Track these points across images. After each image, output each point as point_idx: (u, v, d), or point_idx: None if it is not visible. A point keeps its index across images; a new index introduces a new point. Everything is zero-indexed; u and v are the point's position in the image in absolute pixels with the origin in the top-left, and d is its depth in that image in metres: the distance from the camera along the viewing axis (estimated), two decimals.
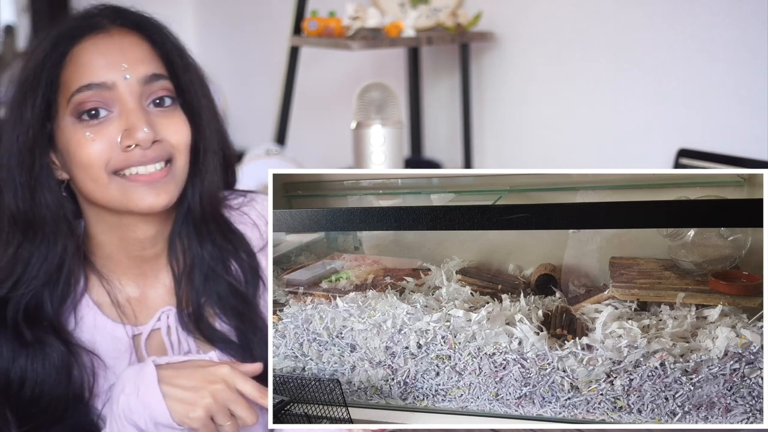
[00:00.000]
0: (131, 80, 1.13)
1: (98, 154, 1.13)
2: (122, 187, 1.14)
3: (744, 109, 2.05)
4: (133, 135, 1.12)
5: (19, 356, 1.17)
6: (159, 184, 1.15)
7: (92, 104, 1.12)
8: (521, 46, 2.57)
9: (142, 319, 1.25)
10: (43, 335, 1.18)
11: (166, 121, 1.16)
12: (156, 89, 1.15)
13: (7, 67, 4.09)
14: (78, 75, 1.13)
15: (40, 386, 1.18)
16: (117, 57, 1.14)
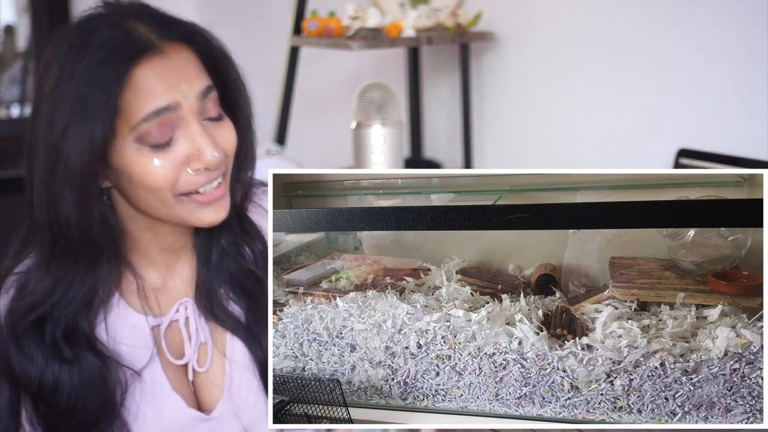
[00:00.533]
0: (192, 99, 1.12)
1: (167, 180, 1.12)
2: (187, 207, 1.15)
3: (744, 109, 2.05)
4: (202, 159, 1.13)
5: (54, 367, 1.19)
6: (219, 201, 1.17)
7: (159, 135, 1.10)
8: (521, 46, 2.57)
9: (163, 309, 1.27)
10: (81, 352, 1.20)
11: (220, 132, 1.16)
12: (208, 103, 1.15)
13: (7, 67, 4.09)
14: (141, 102, 1.10)
15: (75, 397, 1.19)
16: (176, 78, 1.12)
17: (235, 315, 1.26)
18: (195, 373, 1.27)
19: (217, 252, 1.25)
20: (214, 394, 1.26)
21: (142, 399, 1.25)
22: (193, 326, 1.26)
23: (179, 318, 1.26)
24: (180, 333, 1.26)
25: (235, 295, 1.26)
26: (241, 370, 1.26)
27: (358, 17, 2.55)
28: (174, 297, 1.27)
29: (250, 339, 1.25)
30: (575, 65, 2.42)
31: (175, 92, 1.11)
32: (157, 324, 1.26)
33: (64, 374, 1.19)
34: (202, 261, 1.25)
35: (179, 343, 1.27)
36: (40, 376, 1.19)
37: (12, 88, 4.10)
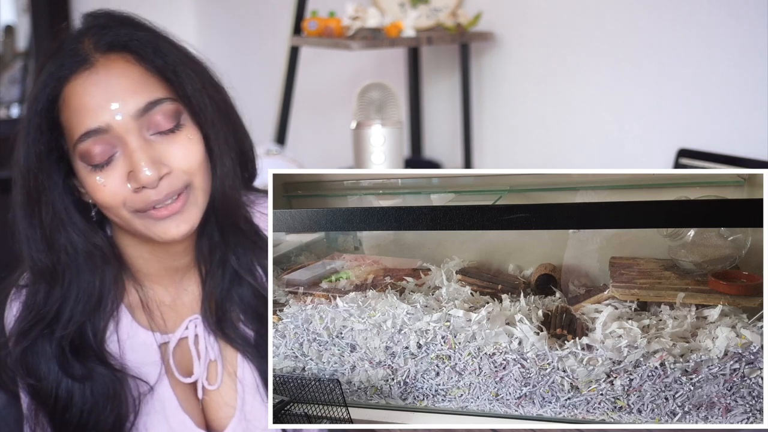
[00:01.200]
0: (124, 118, 1.09)
1: (113, 197, 1.11)
2: (144, 223, 1.13)
3: (744, 109, 2.04)
4: (137, 177, 1.09)
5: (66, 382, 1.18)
6: (178, 215, 1.13)
7: (97, 155, 1.09)
8: (521, 46, 2.57)
9: (170, 326, 1.25)
10: (92, 366, 1.19)
11: (174, 147, 1.12)
12: (156, 117, 1.10)
13: (7, 67, 4.09)
14: (74, 121, 1.10)
15: (88, 413, 1.19)
16: (104, 97, 1.09)
17: (245, 335, 1.24)
18: (205, 392, 1.25)
19: (229, 273, 1.21)
20: (225, 413, 1.25)
21: (149, 418, 1.23)
22: (203, 344, 1.24)
23: (188, 335, 1.24)
24: (189, 351, 1.25)
25: (246, 318, 1.24)
26: (251, 391, 1.25)
27: (358, 17, 2.55)
28: (182, 314, 1.25)
29: (260, 361, 1.23)
30: (575, 65, 2.42)
31: (105, 112, 1.09)
32: (165, 341, 1.24)
33: (77, 389, 1.18)
34: (206, 275, 1.23)
35: (188, 361, 1.25)
36: (55, 391, 1.18)
37: (12, 88, 4.10)
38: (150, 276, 1.23)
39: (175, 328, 1.25)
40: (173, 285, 1.25)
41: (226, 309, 1.22)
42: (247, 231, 1.23)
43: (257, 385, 1.24)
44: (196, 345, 1.24)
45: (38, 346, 1.18)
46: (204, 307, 1.23)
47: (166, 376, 1.24)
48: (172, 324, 1.25)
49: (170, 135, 1.12)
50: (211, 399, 1.26)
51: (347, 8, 2.58)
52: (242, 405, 1.24)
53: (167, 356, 1.24)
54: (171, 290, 1.25)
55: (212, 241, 1.21)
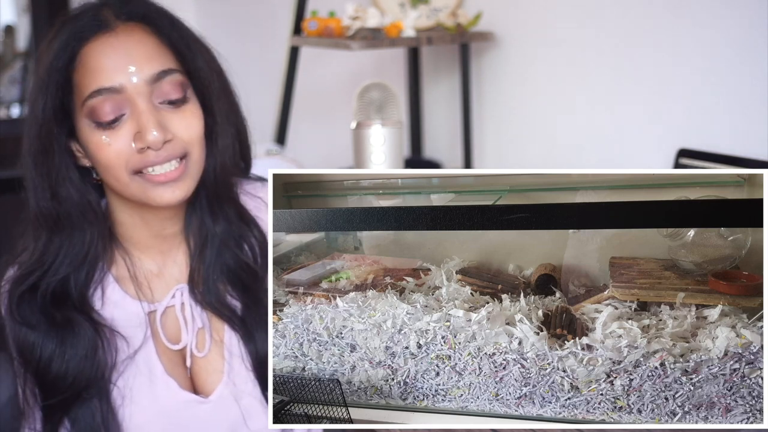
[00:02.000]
0: (139, 82, 1.15)
1: (116, 157, 1.16)
2: (142, 186, 1.18)
3: (744, 109, 2.04)
4: (143, 138, 1.15)
5: (48, 335, 1.22)
6: (174, 183, 1.18)
7: (106, 114, 1.15)
8: (521, 46, 2.57)
9: (158, 295, 1.28)
10: (72, 315, 1.24)
11: (178, 117, 1.18)
12: (165, 86, 1.17)
13: (7, 67, 4.09)
14: (88, 79, 1.15)
15: (67, 363, 1.23)
16: (124, 59, 1.15)
17: (231, 307, 1.27)
18: (193, 359, 1.28)
19: (214, 243, 1.26)
20: (213, 378, 1.28)
21: (135, 382, 1.26)
22: (189, 312, 1.28)
23: (175, 304, 1.28)
24: (177, 318, 1.28)
25: (233, 289, 1.28)
26: (237, 358, 1.27)
27: (358, 17, 2.55)
28: (170, 283, 1.29)
29: (245, 334, 1.27)
30: (575, 65, 2.42)
31: (121, 74, 1.15)
32: (153, 310, 1.28)
33: (58, 340, 1.22)
34: (194, 248, 1.27)
35: (176, 328, 1.28)
36: (41, 342, 1.22)
37: (12, 88, 4.10)
38: (138, 245, 1.28)
39: (162, 297, 1.28)
40: (160, 255, 1.29)
41: (212, 280, 1.27)
42: (237, 208, 1.28)
43: (242, 356, 1.27)
44: (183, 313, 1.28)
45: (30, 294, 1.23)
46: (192, 277, 1.28)
47: (153, 342, 1.28)
48: (160, 294, 1.29)
49: (176, 106, 1.18)
50: (199, 365, 1.29)
51: (347, 8, 2.58)
52: (229, 370, 1.28)
53: (155, 323, 1.28)
54: (158, 260, 1.29)
55: (201, 215, 1.26)
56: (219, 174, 1.24)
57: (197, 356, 1.28)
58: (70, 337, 1.23)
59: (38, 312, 1.23)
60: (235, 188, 1.28)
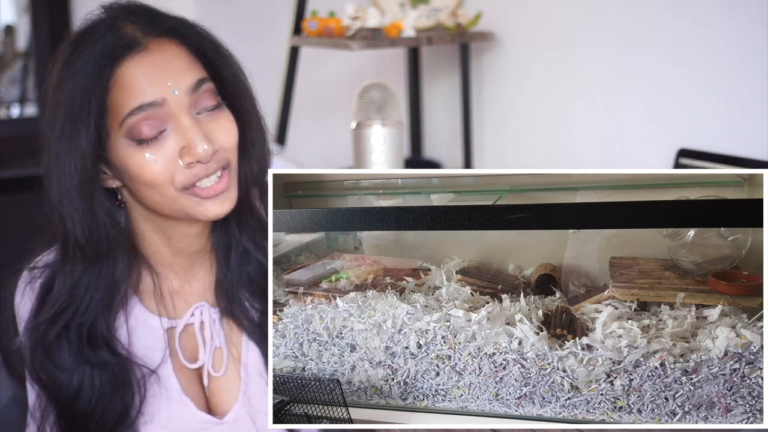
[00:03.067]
0: (179, 94, 1.13)
1: (163, 174, 1.13)
2: (190, 201, 1.16)
3: (744, 109, 2.04)
4: (193, 152, 1.13)
5: (77, 373, 1.20)
6: (222, 195, 1.17)
7: (147, 130, 1.12)
8: (521, 46, 2.57)
9: (179, 312, 1.27)
10: (101, 353, 1.21)
11: (217, 125, 1.16)
12: (202, 95, 1.15)
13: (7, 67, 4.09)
14: (126, 98, 1.12)
15: (96, 401, 1.20)
16: (161, 74, 1.13)
17: (252, 317, 1.26)
18: (210, 378, 1.27)
19: (238, 251, 1.25)
20: (228, 398, 1.27)
21: (152, 401, 1.25)
22: (208, 331, 1.26)
23: (194, 322, 1.26)
24: (194, 337, 1.27)
25: (252, 297, 1.26)
26: (255, 376, 1.26)
27: (358, 17, 2.55)
28: (190, 301, 1.27)
29: (264, 342, 1.26)
30: (575, 65, 2.42)
31: (161, 88, 1.12)
32: (171, 326, 1.26)
33: (87, 377, 1.20)
34: (222, 261, 1.26)
35: (194, 347, 1.27)
36: (69, 381, 1.20)
37: (12, 88, 4.10)
38: (162, 261, 1.26)
39: (182, 314, 1.27)
40: (183, 271, 1.27)
41: (236, 291, 1.25)
42: (259, 215, 1.27)
43: (261, 370, 1.26)
44: (201, 332, 1.26)
45: (56, 338, 1.20)
46: (216, 290, 1.26)
47: (170, 360, 1.26)
48: (180, 310, 1.27)
49: (213, 113, 1.16)
50: (215, 385, 1.27)
51: (347, 8, 2.58)
52: (246, 389, 1.26)
53: (173, 341, 1.26)
54: (181, 276, 1.27)
55: (229, 226, 1.25)
56: (251, 183, 1.23)
57: (214, 376, 1.26)
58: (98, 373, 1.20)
59: (69, 352, 1.20)
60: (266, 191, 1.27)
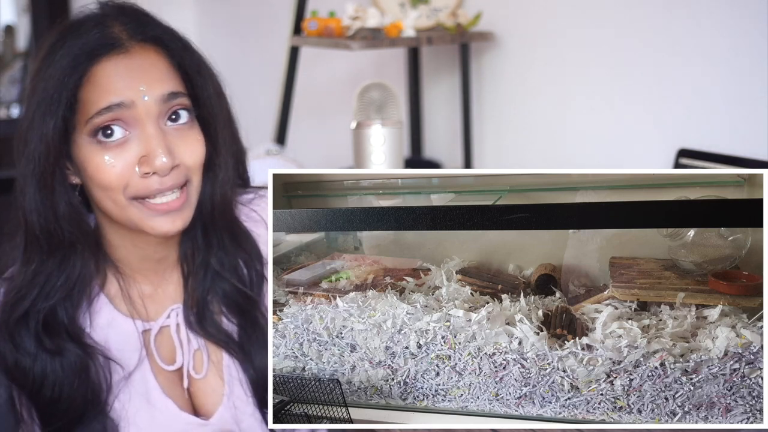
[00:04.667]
0: (149, 101, 1.12)
1: (117, 179, 1.12)
2: (140, 213, 1.14)
3: (744, 109, 2.05)
4: (151, 162, 1.12)
5: (39, 359, 1.20)
6: (175, 212, 1.15)
7: (111, 131, 1.11)
8: (521, 46, 2.57)
9: (152, 314, 1.26)
10: (61, 342, 1.20)
11: (182, 141, 1.14)
12: (173, 108, 1.14)
13: (7, 67, 4.09)
14: (96, 96, 1.11)
15: (60, 387, 1.20)
16: (136, 78, 1.12)
17: (227, 331, 1.25)
18: (192, 380, 1.26)
19: (210, 271, 1.23)
20: (213, 399, 1.26)
21: (132, 403, 1.24)
22: (184, 333, 1.25)
23: (170, 324, 1.25)
24: (171, 339, 1.26)
25: (229, 312, 1.25)
26: (234, 381, 1.26)
27: (358, 17, 2.55)
28: (164, 303, 1.26)
29: (242, 356, 1.24)
30: (575, 65, 2.42)
31: (132, 91, 1.11)
32: (147, 329, 1.25)
33: (49, 364, 1.20)
34: (188, 276, 1.24)
35: (171, 349, 1.26)
36: (32, 366, 1.20)
37: (12, 88, 4.10)
38: (130, 266, 1.25)
39: (156, 316, 1.26)
40: (155, 275, 1.26)
41: (206, 306, 1.24)
42: (235, 233, 1.25)
43: (239, 379, 1.25)
44: (178, 333, 1.25)
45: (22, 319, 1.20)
46: (186, 303, 1.25)
47: (149, 362, 1.25)
48: (154, 312, 1.26)
49: (182, 129, 1.15)
50: (198, 387, 1.27)
51: (347, 8, 2.58)
52: (230, 392, 1.25)
53: (149, 343, 1.25)
54: (153, 280, 1.26)
55: (195, 243, 1.23)
56: (216, 205, 1.21)
57: (195, 378, 1.26)
58: (60, 362, 1.19)
59: (29, 337, 1.19)
60: (231, 215, 1.25)
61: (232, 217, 1.24)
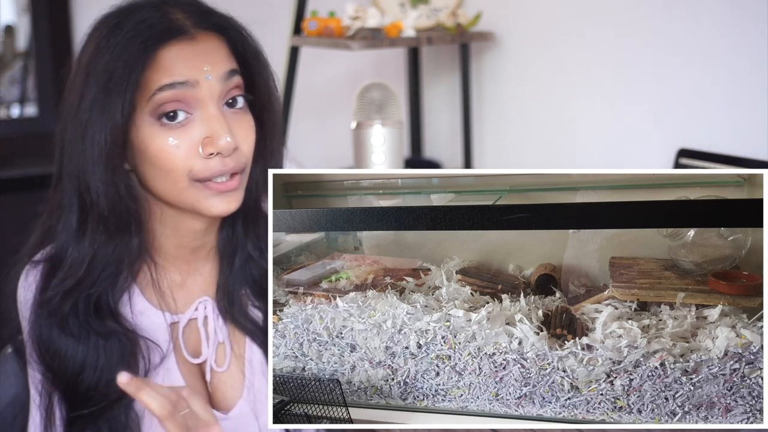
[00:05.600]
0: (212, 80, 1.14)
1: (182, 161, 1.13)
2: (198, 193, 1.15)
3: (744, 109, 2.05)
4: (215, 143, 1.13)
5: (85, 342, 1.20)
6: (231, 192, 1.16)
7: (173, 105, 1.12)
8: (521, 46, 2.57)
9: (181, 306, 1.27)
10: (108, 323, 1.21)
11: (239, 125, 1.16)
12: (231, 87, 1.16)
13: (7, 67, 4.09)
14: (160, 76, 1.12)
15: (101, 372, 1.20)
16: (200, 60, 1.14)
17: (254, 319, 1.26)
18: (213, 374, 1.27)
19: (243, 256, 1.25)
20: (232, 394, 1.27)
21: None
22: (212, 326, 1.26)
23: (198, 317, 1.26)
24: (198, 332, 1.27)
25: (256, 299, 1.26)
26: (259, 373, 1.26)
27: (358, 17, 2.55)
28: (193, 295, 1.27)
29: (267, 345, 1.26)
30: (575, 65, 2.42)
31: (196, 71, 1.13)
32: (175, 321, 1.26)
33: (94, 348, 1.20)
34: (225, 263, 1.26)
35: (197, 341, 1.27)
36: (76, 349, 1.20)
37: (12, 88, 4.09)
38: (165, 255, 1.25)
39: (185, 308, 1.27)
40: (186, 265, 1.27)
41: (238, 292, 1.26)
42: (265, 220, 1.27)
43: (264, 369, 1.26)
44: (205, 327, 1.26)
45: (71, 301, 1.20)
46: (218, 292, 1.26)
47: (174, 355, 1.26)
48: (183, 304, 1.27)
49: (238, 113, 1.17)
50: (219, 380, 1.27)
51: (347, 8, 2.58)
52: (250, 386, 1.26)
53: (177, 335, 1.26)
54: (183, 270, 1.27)
55: (235, 230, 1.25)
56: (261, 192, 1.23)
57: (217, 371, 1.26)
58: (105, 346, 1.20)
59: (76, 319, 1.20)
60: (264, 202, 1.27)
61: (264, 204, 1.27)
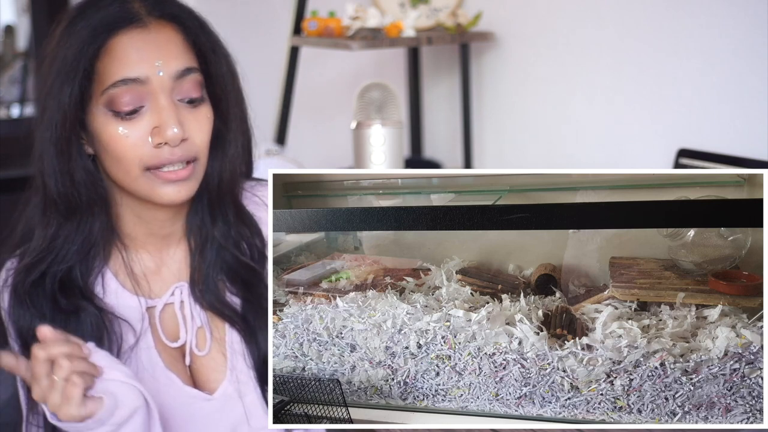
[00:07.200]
0: (164, 76, 1.16)
1: (132, 150, 1.17)
2: (150, 182, 1.19)
3: (744, 109, 2.05)
4: (163, 133, 1.16)
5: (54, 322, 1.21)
6: (182, 182, 1.19)
7: (126, 104, 1.16)
8: (521, 46, 2.57)
9: (156, 291, 1.28)
10: (78, 302, 1.24)
11: (193, 118, 1.19)
12: (186, 84, 1.18)
13: (7, 67, 4.10)
14: (113, 68, 1.16)
15: None
16: (152, 53, 1.16)
17: (231, 306, 1.27)
18: (194, 357, 1.28)
19: (213, 244, 1.27)
20: (215, 376, 1.28)
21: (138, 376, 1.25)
22: (188, 310, 1.28)
23: (174, 301, 1.28)
24: (175, 316, 1.28)
25: (232, 285, 1.28)
26: (239, 355, 1.28)
27: (358, 17, 2.55)
28: (168, 281, 1.29)
29: (247, 330, 1.27)
30: (575, 65, 2.42)
31: (148, 66, 1.16)
32: (151, 305, 1.28)
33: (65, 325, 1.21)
34: (195, 250, 1.28)
35: (175, 326, 1.28)
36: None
37: (12, 88, 4.10)
38: (136, 241, 1.28)
39: (161, 293, 1.29)
40: (158, 252, 1.29)
41: (212, 279, 1.28)
42: (238, 211, 1.29)
43: (242, 354, 1.27)
44: (182, 311, 1.28)
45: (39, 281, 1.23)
46: (192, 277, 1.28)
47: (153, 338, 1.28)
48: (158, 289, 1.29)
49: (193, 107, 1.19)
50: (200, 364, 1.29)
51: (347, 8, 2.58)
52: (232, 368, 1.28)
53: (154, 319, 1.28)
54: (156, 257, 1.29)
55: (202, 216, 1.27)
56: (224, 180, 1.25)
57: (198, 355, 1.28)
58: (76, 324, 1.23)
59: (45, 300, 1.23)
60: (237, 192, 1.29)
61: (237, 194, 1.28)
